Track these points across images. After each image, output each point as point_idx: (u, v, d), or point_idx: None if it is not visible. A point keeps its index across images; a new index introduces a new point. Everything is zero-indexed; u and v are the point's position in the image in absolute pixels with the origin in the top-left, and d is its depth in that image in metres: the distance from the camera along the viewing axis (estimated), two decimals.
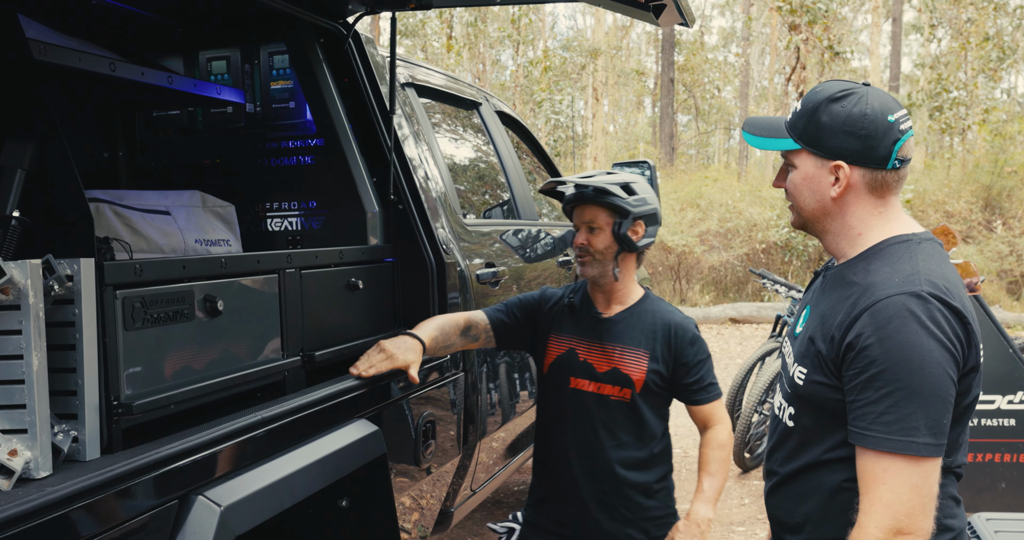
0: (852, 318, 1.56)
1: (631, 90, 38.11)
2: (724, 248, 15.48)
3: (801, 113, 1.70)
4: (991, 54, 18.80)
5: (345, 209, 2.79)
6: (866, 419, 1.52)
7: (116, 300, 1.63)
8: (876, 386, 1.51)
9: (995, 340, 4.49)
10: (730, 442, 2.55)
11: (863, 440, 1.54)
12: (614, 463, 2.48)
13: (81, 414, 1.55)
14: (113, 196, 2.39)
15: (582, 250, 2.50)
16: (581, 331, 2.55)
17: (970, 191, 15.44)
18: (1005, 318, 11.92)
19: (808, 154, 1.68)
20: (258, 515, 1.73)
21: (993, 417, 4.52)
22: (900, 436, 1.49)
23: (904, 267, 1.58)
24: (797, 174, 1.71)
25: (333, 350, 2.36)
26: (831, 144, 1.65)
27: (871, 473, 1.53)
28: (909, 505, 1.49)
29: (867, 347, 1.52)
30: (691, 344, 2.51)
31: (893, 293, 1.53)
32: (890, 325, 1.51)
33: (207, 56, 2.99)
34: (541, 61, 21.07)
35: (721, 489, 2.50)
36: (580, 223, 2.51)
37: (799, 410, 1.72)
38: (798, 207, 1.75)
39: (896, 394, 1.49)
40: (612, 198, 2.45)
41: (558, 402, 2.56)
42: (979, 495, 4.56)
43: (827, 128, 1.65)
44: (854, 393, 1.55)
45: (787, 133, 1.71)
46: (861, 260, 1.68)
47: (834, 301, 1.66)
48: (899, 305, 1.52)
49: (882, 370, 1.50)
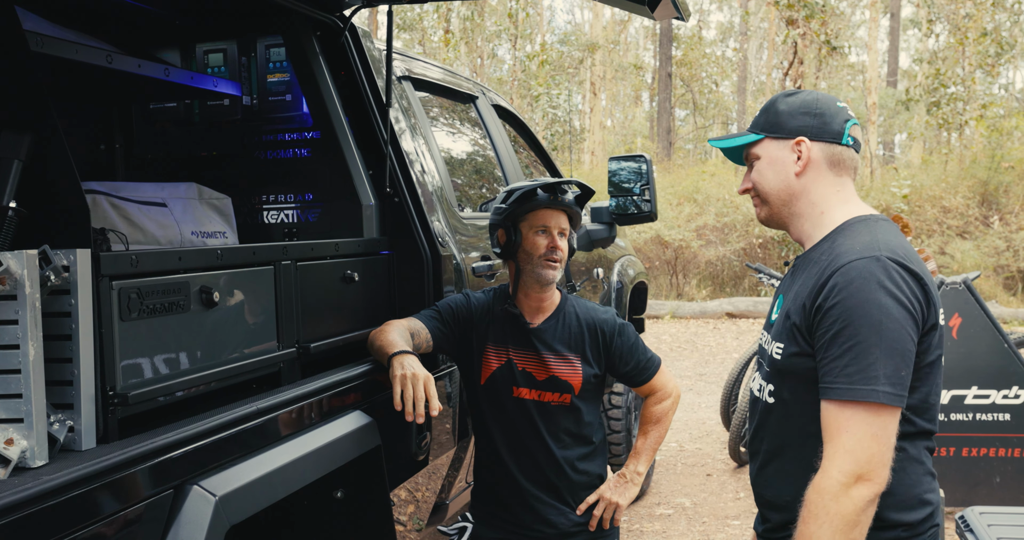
0: (820, 285, 1.68)
1: (629, 85, 38.09)
2: (721, 243, 15.50)
3: (759, 113, 1.88)
4: (989, 49, 18.80)
5: (341, 202, 2.79)
6: (832, 374, 1.63)
7: (112, 291, 1.64)
8: (839, 342, 1.62)
9: (990, 335, 4.52)
10: (672, 401, 2.66)
11: (827, 393, 1.64)
12: (561, 463, 2.55)
13: (77, 404, 1.56)
14: (110, 188, 2.40)
15: (555, 253, 2.52)
16: (514, 341, 2.58)
17: (967, 186, 15.46)
18: (1001, 314, 11.96)
19: (770, 140, 1.84)
20: (253, 505, 1.74)
21: (988, 412, 4.54)
22: (861, 385, 1.59)
23: (864, 238, 1.72)
24: (762, 162, 1.86)
25: (329, 342, 2.37)
26: (791, 125, 1.82)
27: (835, 422, 1.62)
28: (869, 452, 1.58)
29: (832, 307, 1.64)
30: (619, 335, 2.59)
31: (854, 258, 1.66)
32: (852, 285, 1.63)
33: (204, 49, 3.00)
34: (538, 55, 21.03)
35: (657, 445, 2.65)
36: (555, 226, 2.54)
37: (778, 385, 1.80)
38: (764, 193, 1.87)
39: (857, 348, 1.60)
40: (578, 209, 2.58)
41: (500, 411, 2.58)
42: (974, 489, 4.59)
43: (785, 113, 1.83)
44: (822, 352, 1.66)
45: (737, 134, 1.87)
46: (827, 240, 1.80)
47: (804, 279, 1.77)
48: (860, 268, 1.64)
49: (844, 326, 1.62)
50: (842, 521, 1.57)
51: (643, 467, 2.64)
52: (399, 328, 2.47)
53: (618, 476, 2.63)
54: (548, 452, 2.55)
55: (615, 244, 5.13)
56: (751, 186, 1.89)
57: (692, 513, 5.14)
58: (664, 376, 2.66)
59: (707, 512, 5.13)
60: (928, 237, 14.83)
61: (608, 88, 34.76)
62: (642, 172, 4.20)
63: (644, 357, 2.63)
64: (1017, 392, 4.51)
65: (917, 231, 14.87)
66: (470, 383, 2.65)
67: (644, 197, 4.23)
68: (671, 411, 2.67)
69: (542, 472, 2.56)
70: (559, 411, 2.56)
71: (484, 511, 2.67)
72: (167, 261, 1.82)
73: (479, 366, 2.60)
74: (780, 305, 1.87)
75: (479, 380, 2.60)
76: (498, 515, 2.63)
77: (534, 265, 2.53)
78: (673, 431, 6.96)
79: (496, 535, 2.63)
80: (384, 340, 2.39)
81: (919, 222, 15.03)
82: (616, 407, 5.15)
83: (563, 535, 2.58)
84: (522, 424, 2.56)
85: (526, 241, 2.54)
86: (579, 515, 2.58)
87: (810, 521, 1.60)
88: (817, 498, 1.60)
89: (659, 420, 2.65)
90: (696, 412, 7.77)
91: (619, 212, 4.26)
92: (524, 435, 2.56)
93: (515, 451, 2.57)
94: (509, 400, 2.56)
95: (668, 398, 2.66)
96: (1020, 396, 4.50)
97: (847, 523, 1.57)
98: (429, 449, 2.69)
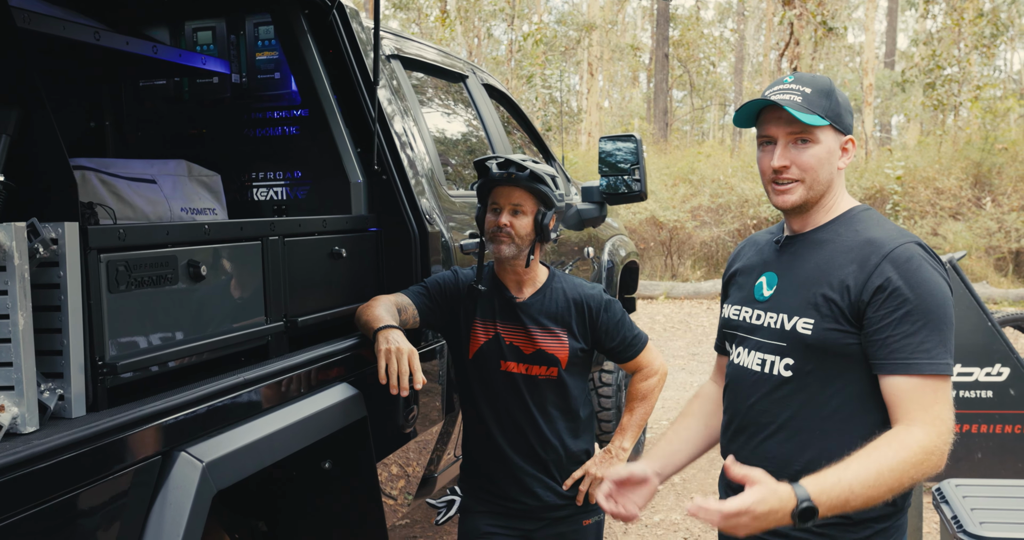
0: (872, 266, 1.77)
1: (626, 65, 37.98)
2: (715, 224, 15.53)
3: (819, 93, 1.86)
4: (984, 30, 18.76)
5: (330, 179, 2.83)
6: (906, 350, 1.73)
7: (100, 263, 1.68)
8: (911, 320, 1.73)
9: (974, 314, 4.57)
10: (658, 378, 2.70)
11: (908, 368, 1.74)
12: (548, 436, 2.60)
13: (67, 373, 1.61)
14: (99, 164, 2.43)
15: (502, 230, 2.53)
16: (501, 315, 2.61)
17: (960, 168, 15.47)
18: (992, 294, 12.02)
19: (831, 130, 1.86)
20: (239, 471, 1.79)
21: (971, 389, 4.60)
22: (940, 360, 1.73)
23: (889, 226, 1.86)
24: (820, 148, 1.86)
25: (316, 316, 2.41)
26: (846, 121, 1.89)
27: (921, 396, 1.73)
28: (951, 416, 1.74)
29: (897, 288, 1.74)
30: (605, 311, 2.63)
31: (901, 242, 1.79)
32: (910, 264, 1.76)
33: (193, 26, 3.02)
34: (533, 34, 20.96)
35: (642, 422, 2.70)
36: (506, 203, 2.53)
37: (801, 359, 1.85)
38: (812, 182, 1.87)
39: (929, 326, 1.73)
40: (544, 187, 2.51)
41: (488, 385, 2.62)
42: (956, 465, 4.66)
43: (843, 107, 1.88)
44: (888, 329, 1.75)
45: (808, 111, 1.83)
46: (836, 224, 1.89)
47: (825, 259, 1.85)
48: (912, 252, 1.78)
49: (915, 306, 1.74)
50: (924, 477, 1.67)
51: (629, 443, 2.69)
52: (386, 303, 2.51)
53: (604, 452, 2.68)
54: (535, 425, 2.60)
55: (607, 224, 5.17)
56: (789, 164, 1.86)
57: (681, 489, 5.21)
58: (651, 353, 2.70)
59: (695, 487, 5.21)
60: (921, 218, 14.88)
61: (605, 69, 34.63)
62: (633, 152, 4.23)
63: (630, 334, 2.67)
64: (1000, 369, 4.57)
65: (911, 212, 14.92)
66: (458, 357, 2.69)
67: (635, 176, 4.27)
68: (657, 388, 2.72)
69: (529, 445, 2.61)
70: (546, 385, 2.60)
71: (471, 484, 2.73)
72: (155, 235, 1.86)
73: (467, 340, 2.64)
74: (775, 282, 1.92)
75: (467, 354, 2.64)
76: (485, 488, 2.68)
77: (488, 241, 2.58)
78: (664, 409, 7.04)
79: (483, 508, 2.68)
80: (371, 315, 2.43)
81: (912, 203, 15.06)
82: (607, 385, 5.21)
83: (549, 508, 2.63)
84: (509, 398, 2.60)
85: (485, 219, 2.59)
86: (565, 490, 2.63)
87: (888, 474, 1.64)
88: (922, 458, 1.67)
89: (645, 397, 2.70)
90: (688, 391, 7.84)
91: (610, 191, 4.29)
92: (511, 409, 2.60)
93: (502, 424, 2.62)
94: (497, 374, 2.60)
95: (654, 375, 2.70)
96: (1003, 374, 4.56)
97: (922, 477, 1.68)
98: (416, 422, 2.74)
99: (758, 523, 1.55)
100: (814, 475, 1.62)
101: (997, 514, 2.68)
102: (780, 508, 1.55)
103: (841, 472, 1.63)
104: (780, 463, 1.87)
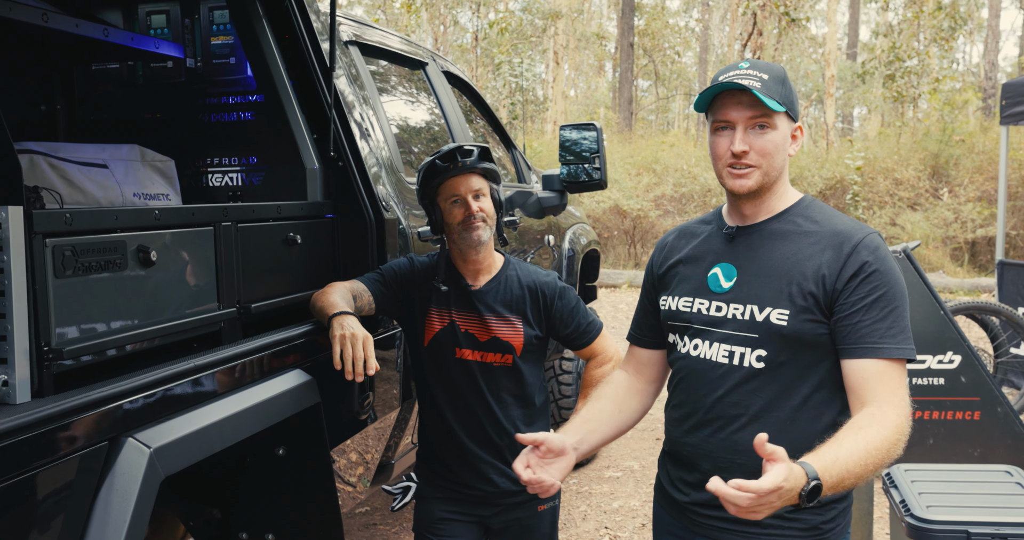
0: (846, 254, 1.82)
1: (592, 54, 37.98)
2: (678, 213, 15.64)
3: (775, 80, 1.88)
4: (943, 23, 19.03)
5: (285, 165, 2.81)
6: (875, 334, 1.78)
7: (46, 248, 1.66)
8: (881, 306, 1.79)
9: (927, 303, 4.65)
10: (612, 365, 2.71)
11: (877, 352, 1.78)
12: (503, 423, 2.62)
13: (11, 358, 1.59)
14: (48, 148, 2.39)
15: (476, 217, 2.54)
16: (456, 303, 2.62)
17: (919, 159, 15.71)
18: (948, 283, 12.24)
19: (786, 116, 1.89)
20: (187, 457, 1.79)
21: (924, 376, 4.68)
22: (907, 345, 1.80)
23: (845, 217, 1.93)
24: (777, 134, 1.87)
25: (270, 303, 2.41)
26: (797, 108, 1.93)
27: (888, 379, 1.78)
28: (910, 400, 1.80)
29: (873, 272, 1.80)
30: (560, 298, 2.65)
31: (868, 232, 1.86)
32: (880, 252, 1.83)
33: (147, 10, 2.98)
34: (499, 22, 20.89)
35: None
36: (466, 191, 2.55)
37: (774, 350, 1.85)
38: (767, 169, 1.88)
39: (895, 312, 1.80)
40: (491, 163, 2.57)
41: (443, 372, 2.63)
42: (908, 450, 4.65)
43: (794, 94, 1.92)
44: (859, 315, 1.79)
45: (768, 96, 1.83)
46: (792, 214, 1.92)
47: (792, 250, 1.87)
48: (878, 241, 1.85)
49: (885, 292, 1.80)
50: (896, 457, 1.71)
51: None
52: (341, 290, 2.51)
53: None
54: (490, 412, 2.61)
55: (567, 212, 5.19)
56: (748, 149, 1.86)
57: (640, 475, 5.27)
58: (605, 340, 2.72)
59: (654, 474, 5.26)
60: (880, 208, 15.09)
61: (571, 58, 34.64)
62: (594, 140, 4.26)
63: (585, 320, 2.69)
64: (951, 357, 4.66)
65: (870, 202, 15.14)
66: (414, 345, 2.70)
67: (595, 165, 4.30)
68: (612, 367, 2.73)
69: (484, 432, 2.62)
70: (501, 372, 2.62)
71: (427, 470, 2.74)
72: (103, 220, 1.84)
73: (422, 328, 2.64)
74: (733, 273, 1.91)
75: (422, 342, 2.65)
76: (441, 474, 2.69)
77: (459, 233, 2.57)
78: None
79: (439, 494, 2.69)
80: (325, 301, 2.43)
81: (872, 193, 15.28)
82: (567, 372, 5.24)
83: (504, 494, 2.65)
84: (465, 385, 2.62)
85: (446, 214, 2.58)
86: None
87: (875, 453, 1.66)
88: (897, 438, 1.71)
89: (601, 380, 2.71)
90: None
91: (570, 180, 4.32)
92: (467, 396, 2.62)
93: (458, 411, 2.63)
94: (452, 361, 2.61)
95: (609, 362, 2.72)
96: (954, 361, 4.66)
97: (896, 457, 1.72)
98: (372, 409, 2.75)
99: (781, 502, 1.53)
100: (813, 453, 1.62)
101: (944, 498, 2.74)
102: (796, 486, 1.54)
103: (837, 450, 1.63)
104: (752, 454, 1.85)
